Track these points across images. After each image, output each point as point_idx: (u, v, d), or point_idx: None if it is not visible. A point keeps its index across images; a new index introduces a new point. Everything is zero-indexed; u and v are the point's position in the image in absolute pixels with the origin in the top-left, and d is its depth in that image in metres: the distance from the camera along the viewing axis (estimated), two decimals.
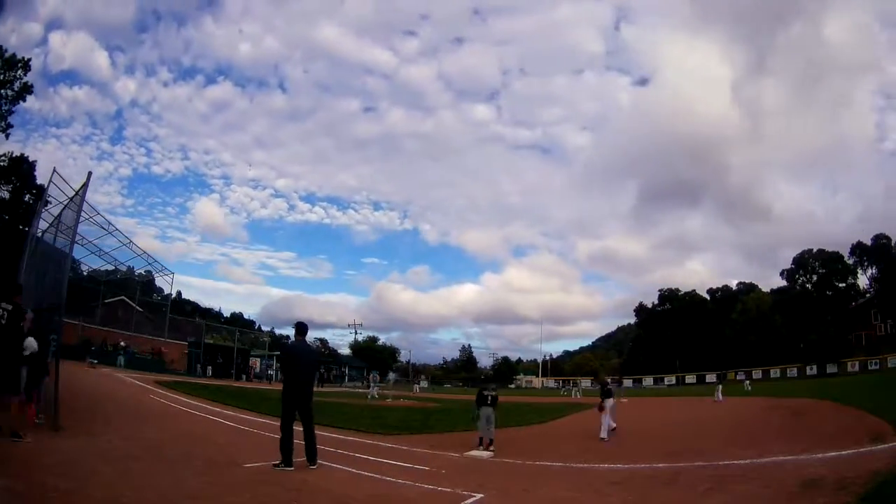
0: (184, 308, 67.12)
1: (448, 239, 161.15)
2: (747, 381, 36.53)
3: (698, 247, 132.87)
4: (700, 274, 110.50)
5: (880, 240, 56.43)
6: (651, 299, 77.82)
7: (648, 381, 62.80)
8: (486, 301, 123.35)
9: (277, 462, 6.48)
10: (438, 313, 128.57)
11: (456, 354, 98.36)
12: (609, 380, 24.66)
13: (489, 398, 10.09)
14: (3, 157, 29.21)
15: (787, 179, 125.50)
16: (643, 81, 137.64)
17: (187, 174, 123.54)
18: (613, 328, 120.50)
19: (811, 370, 47.86)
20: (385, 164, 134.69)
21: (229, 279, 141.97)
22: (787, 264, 63.61)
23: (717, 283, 75.68)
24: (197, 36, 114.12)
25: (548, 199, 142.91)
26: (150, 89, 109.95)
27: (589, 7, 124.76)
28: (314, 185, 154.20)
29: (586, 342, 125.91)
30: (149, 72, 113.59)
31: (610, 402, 12.13)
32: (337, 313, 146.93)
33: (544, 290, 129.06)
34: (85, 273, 36.21)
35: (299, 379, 6.83)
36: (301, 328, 7.17)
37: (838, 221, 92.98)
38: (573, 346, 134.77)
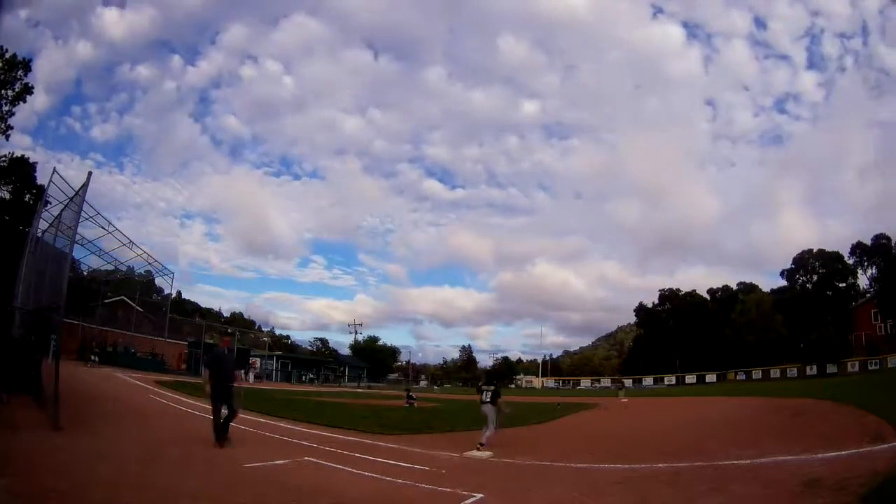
0: (184, 308, 67.11)
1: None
2: (622, 391, 32.51)
3: None
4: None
5: (880, 240, 56.38)
6: (649, 300, 77.76)
7: (648, 381, 62.80)
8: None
9: None
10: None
11: (456, 354, 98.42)
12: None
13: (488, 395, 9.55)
14: (3, 158, 29.19)
15: None
16: None
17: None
18: (613, 328, 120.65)
19: (811, 370, 47.78)
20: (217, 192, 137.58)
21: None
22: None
23: (716, 284, 75.71)
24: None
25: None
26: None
27: None
28: (188, 204, 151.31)
29: (585, 342, 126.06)
30: None
31: None
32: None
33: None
34: (85, 273, 36.19)
35: None
36: None
37: None
38: (572, 346, 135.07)
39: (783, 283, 64.17)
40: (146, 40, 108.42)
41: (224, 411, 8.26)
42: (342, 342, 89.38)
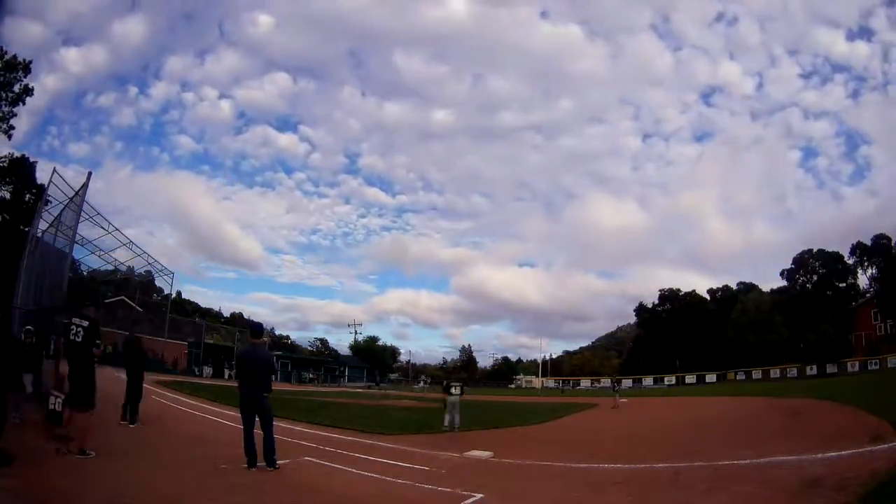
0: (184, 308, 67.09)
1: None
2: (617, 392, 29.58)
3: None
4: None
5: (880, 240, 56.39)
6: (648, 300, 77.69)
7: (648, 381, 62.79)
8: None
9: None
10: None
11: (456, 355, 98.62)
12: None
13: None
14: (3, 158, 29.19)
15: None
16: None
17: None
18: (614, 328, 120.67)
19: (811, 370, 47.79)
20: (180, 200, 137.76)
21: None
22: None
23: (717, 284, 75.70)
24: None
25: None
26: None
27: None
28: (159, 210, 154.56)
29: (586, 341, 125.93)
30: None
31: None
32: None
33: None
34: (85, 273, 36.18)
35: None
36: None
37: None
38: (572, 346, 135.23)
39: (783, 283, 64.26)
40: (104, 74, 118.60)
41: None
42: (332, 342, 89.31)
